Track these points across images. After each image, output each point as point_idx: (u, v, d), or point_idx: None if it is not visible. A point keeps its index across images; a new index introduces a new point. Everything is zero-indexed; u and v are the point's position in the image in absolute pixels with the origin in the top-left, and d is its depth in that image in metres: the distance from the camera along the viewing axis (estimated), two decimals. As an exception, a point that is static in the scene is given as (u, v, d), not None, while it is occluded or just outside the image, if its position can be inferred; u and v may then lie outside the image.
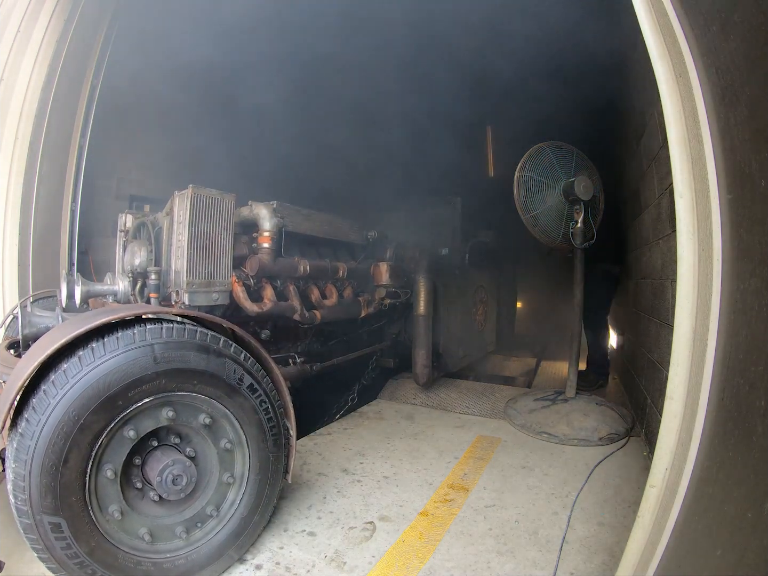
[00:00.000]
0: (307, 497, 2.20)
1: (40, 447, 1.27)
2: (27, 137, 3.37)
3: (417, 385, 3.84)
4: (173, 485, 1.52)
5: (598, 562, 1.73)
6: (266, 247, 2.53)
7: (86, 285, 2.24)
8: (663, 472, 1.30)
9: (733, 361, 1.12)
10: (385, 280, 3.54)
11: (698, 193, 1.27)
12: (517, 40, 4.07)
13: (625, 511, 2.07)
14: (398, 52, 4.72)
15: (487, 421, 3.33)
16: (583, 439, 2.91)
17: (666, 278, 2.45)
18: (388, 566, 1.72)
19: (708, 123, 1.23)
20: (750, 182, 1.06)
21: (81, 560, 1.36)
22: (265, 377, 1.75)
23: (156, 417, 1.52)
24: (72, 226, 3.87)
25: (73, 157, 3.84)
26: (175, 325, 1.53)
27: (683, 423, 1.28)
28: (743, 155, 1.09)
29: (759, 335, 1.00)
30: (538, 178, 3.23)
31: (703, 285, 1.25)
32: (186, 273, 2.14)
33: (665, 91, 1.32)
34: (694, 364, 1.27)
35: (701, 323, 1.25)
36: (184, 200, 2.17)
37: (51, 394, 1.30)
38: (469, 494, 2.25)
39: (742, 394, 1.04)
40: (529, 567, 1.71)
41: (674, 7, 1.29)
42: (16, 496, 1.28)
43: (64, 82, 3.59)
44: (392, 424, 3.29)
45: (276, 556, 1.76)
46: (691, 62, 1.26)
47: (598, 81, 4.28)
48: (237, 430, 1.68)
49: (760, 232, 1.02)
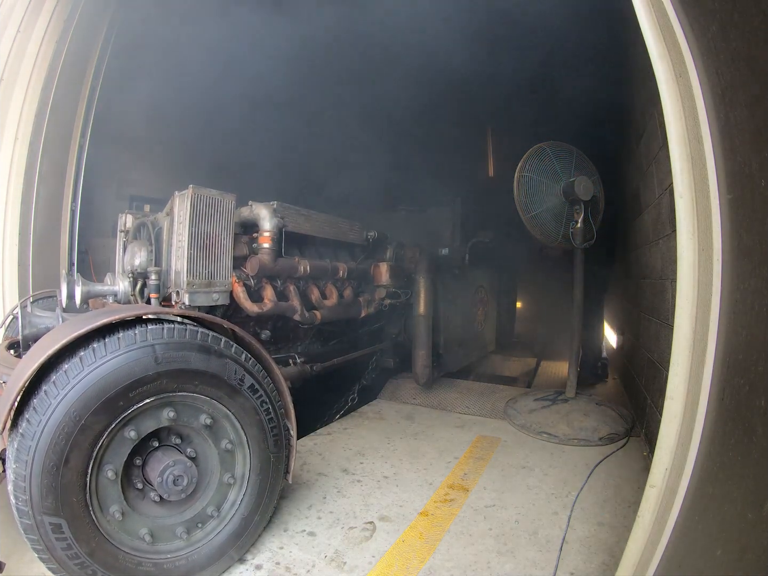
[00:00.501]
0: (307, 497, 2.20)
1: (41, 447, 1.27)
2: (27, 137, 3.38)
3: (417, 385, 3.85)
4: (174, 486, 1.52)
5: (598, 562, 1.73)
6: (266, 248, 2.53)
7: (86, 285, 2.24)
8: (663, 472, 1.31)
9: (733, 361, 1.12)
10: (385, 280, 3.54)
11: (698, 193, 1.27)
12: (516, 39, 4.07)
13: (625, 511, 2.07)
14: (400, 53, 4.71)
15: (487, 421, 3.34)
16: (583, 439, 2.91)
17: (666, 278, 2.45)
18: (388, 566, 1.72)
19: (708, 123, 1.23)
20: (750, 182, 1.06)
21: (81, 561, 1.36)
22: (266, 378, 1.75)
23: (157, 417, 1.52)
24: (72, 226, 3.87)
25: (73, 157, 3.84)
26: (176, 326, 1.53)
27: (683, 423, 1.28)
28: (743, 155, 1.09)
29: (759, 335, 1.00)
30: (538, 178, 3.23)
31: (703, 285, 1.25)
32: (186, 273, 2.14)
33: (665, 90, 1.32)
34: (694, 364, 1.27)
35: (701, 323, 1.25)
36: (185, 200, 2.17)
37: (52, 394, 1.30)
38: (469, 494, 2.26)
39: (742, 394, 1.04)
40: (529, 567, 1.72)
41: (674, 7, 1.29)
42: (17, 496, 1.28)
43: (64, 82, 3.59)
44: (392, 424, 3.29)
45: (276, 556, 1.76)
46: (691, 62, 1.26)
47: (598, 81, 4.28)
48: (238, 430, 1.68)
49: (760, 232, 1.02)
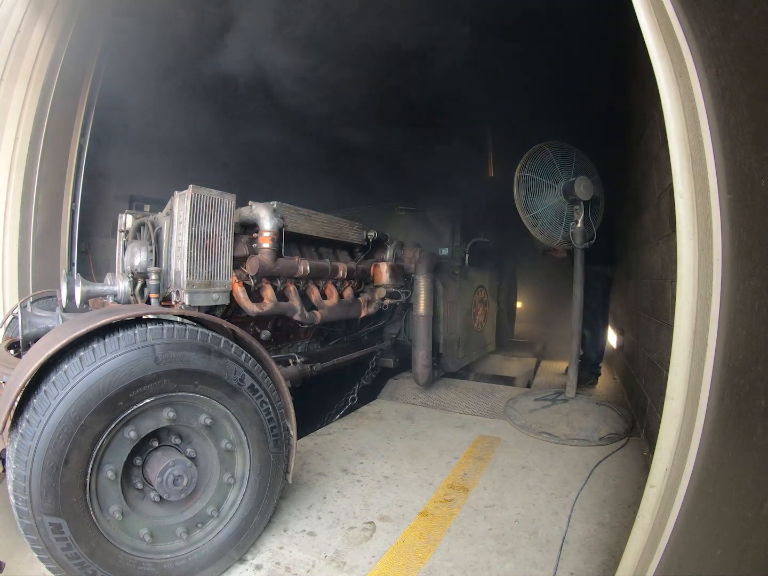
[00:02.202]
0: (307, 497, 2.20)
1: (41, 447, 1.27)
2: (27, 137, 3.38)
3: (417, 385, 3.85)
4: (174, 486, 1.52)
5: (598, 562, 1.73)
6: (266, 248, 2.53)
7: (86, 285, 2.24)
8: (663, 472, 1.30)
9: (733, 361, 1.12)
10: (385, 280, 3.54)
11: (698, 193, 1.27)
12: (517, 39, 4.07)
13: (625, 511, 2.07)
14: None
15: (487, 421, 3.34)
16: (583, 439, 2.91)
17: (666, 278, 2.45)
18: (388, 566, 1.72)
19: (708, 123, 1.23)
20: (750, 182, 1.06)
21: (81, 561, 1.36)
22: (266, 378, 1.75)
23: (157, 417, 1.52)
24: (72, 226, 3.87)
25: (73, 157, 3.85)
26: (176, 326, 1.53)
27: (683, 423, 1.28)
28: (743, 155, 1.09)
29: (759, 335, 1.00)
30: (539, 178, 3.23)
31: (703, 285, 1.25)
32: (186, 273, 2.14)
33: (665, 90, 1.32)
34: (694, 364, 1.27)
35: (701, 323, 1.25)
36: (185, 200, 2.17)
37: (52, 394, 1.30)
38: (469, 494, 2.26)
39: (742, 394, 1.04)
40: (529, 567, 1.71)
41: (674, 7, 1.29)
42: (17, 496, 1.28)
43: (64, 82, 3.59)
44: (392, 424, 3.29)
45: (276, 556, 1.76)
46: (691, 62, 1.26)
47: (597, 81, 4.28)
48: (237, 430, 1.68)
49: (760, 232, 1.02)
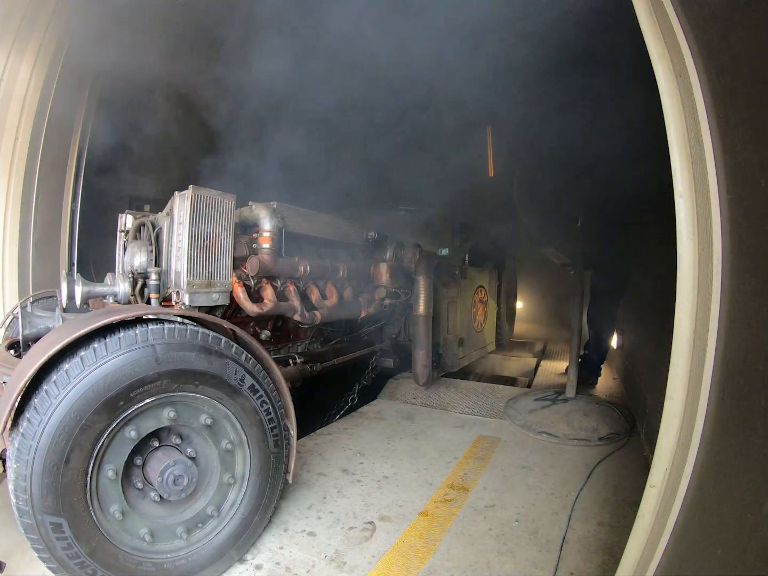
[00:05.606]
0: (307, 497, 2.20)
1: (42, 447, 1.28)
2: (27, 137, 3.38)
3: (417, 385, 3.85)
4: (174, 485, 1.52)
5: (598, 562, 1.73)
6: (266, 248, 2.53)
7: (86, 285, 2.24)
8: (663, 472, 1.30)
9: (733, 360, 1.12)
10: (385, 280, 3.54)
11: (698, 193, 1.27)
12: (516, 39, 4.06)
13: (625, 511, 2.07)
14: None
15: (487, 421, 3.34)
16: (583, 439, 2.91)
17: (666, 278, 2.45)
18: (388, 566, 1.72)
19: (708, 123, 1.22)
20: (750, 182, 1.06)
21: (82, 560, 1.36)
22: (266, 378, 1.76)
23: (157, 417, 1.53)
24: (72, 226, 3.87)
25: (73, 157, 3.84)
26: (176, 326, 1.53)
27: (683, 423, 1.28)
28: (743, 155, 1.09)
29: (759, 335, 1.00)
30: (539, 178, 3.24)
31: (703, 285, 1.25)
32: (186, 273, 2.13)
33: (665, 90, 1.32)
34: (694, 364, 1.27)
35: (701, 323, 1.25)
36: (185, 200, 2.17)
37: (53, 394, 1.30)
38: (469, 494, 2.26)
39: (742, 394, 1.04)
40: (529, 567, 1.72)
41: (674, 7, 1.29)
42: (18, 495, 1.28)
43: (64, 81, 3.59)
44: (392, 424, 3.29)
45: (276, 556, 1.76)
46: (691, 62, 1.26)
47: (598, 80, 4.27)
48: (238, 430, 1.68)
49: (760, 232, 1.02)
